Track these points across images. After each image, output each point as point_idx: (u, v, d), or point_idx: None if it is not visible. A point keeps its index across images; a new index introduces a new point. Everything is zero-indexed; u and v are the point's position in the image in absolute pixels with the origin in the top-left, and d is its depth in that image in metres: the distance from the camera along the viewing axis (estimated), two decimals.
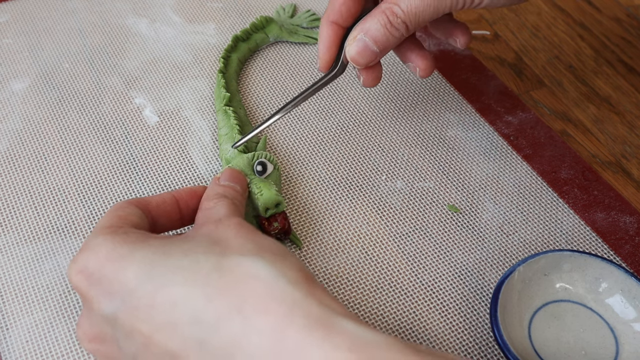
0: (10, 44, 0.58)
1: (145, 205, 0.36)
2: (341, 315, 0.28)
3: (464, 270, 0.44)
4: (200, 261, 0.30)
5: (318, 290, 0.29)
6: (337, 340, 0.27)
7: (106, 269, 0.31)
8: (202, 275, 0.29)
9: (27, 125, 0.52)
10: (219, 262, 0.30)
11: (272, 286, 0.28)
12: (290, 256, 0.32)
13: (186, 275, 0.29)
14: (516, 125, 0.54)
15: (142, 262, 0.30)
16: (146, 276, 0.30)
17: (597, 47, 0.62)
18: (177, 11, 0.62)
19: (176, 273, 0.29)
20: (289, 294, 0.28)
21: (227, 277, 0.29)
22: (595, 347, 0.40)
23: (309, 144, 0.51)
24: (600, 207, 0.48)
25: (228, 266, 0.30)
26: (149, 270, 0.30)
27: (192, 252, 0.31)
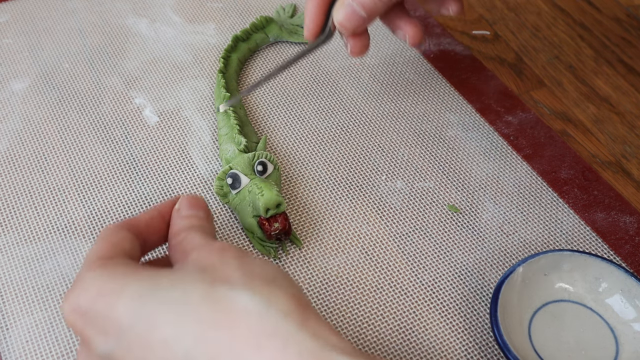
0: (10, 44, 0.58)
1: (136, 226, 0.35)
2: (336, 349, 0.27)
3: (464, 270, 0.44)
4: (188, 291, 0.29)
5: (312, 320, 0.29)
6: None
7: (98, 306, 0.30)
8: (192, 309, 0.29)
9: (27, 125, 0.52)
10: (207, 292, 0.29)
11: (263, 320, 0.28)
12: (281, 280, 0.31)
13: (176, 310, 0.29)
14: (516, 125, 0.54)
15: (132, 297, 0.30)
16: (138, 314, 0.29)
17: (597, 47, 0.62)
18: (177, 11, 0.62)
19: (167, 309, 0.29)
20: (282, 327, 0.28)
21: (216, 311, 0.28)
22: (595, 347, 0.40)
23: (309, 144, 0.51)
24: (600, 207, 0.48)
25: (217, 298, 0.29)
26: (140, 308, 0.29)
27: (180, 283, 0.30)
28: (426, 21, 0.62)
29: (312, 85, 0.56)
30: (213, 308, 0.29)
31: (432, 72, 0.58)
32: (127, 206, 0.47)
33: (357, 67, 0.58)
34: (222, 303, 0.29)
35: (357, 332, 0.41)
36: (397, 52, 0.59)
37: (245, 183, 0.45)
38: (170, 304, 0.29)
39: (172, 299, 0.29)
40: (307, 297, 0.33)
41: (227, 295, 0.29)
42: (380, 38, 0.60)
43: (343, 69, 0.57)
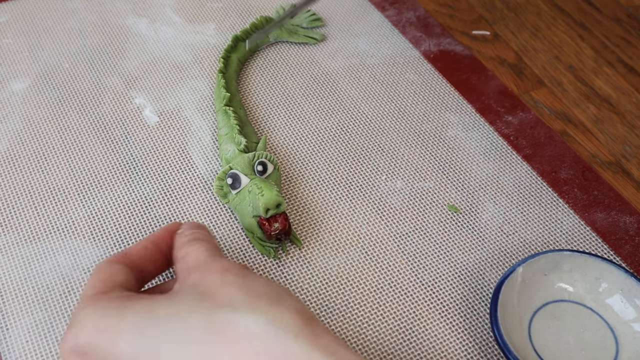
0: (10, 44, 0.58)
1: (127, 258, 0.35)
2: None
3: (464, 270, 0.44)
4: (187, 320, 0.29)
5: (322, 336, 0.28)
6: None
7: (97, 342, 0.30)
8: (194, 338, 0.28)
9: (27, 125, 0.52)
10: (207, 319, 0.28)
11: (271, 343, 0.27)
12: (286, 298, 0.30)
13: (177, 340, 0.28)
14: (516, 125, 0.54)
15: (131, 331, 0.29)
16: (139, 347, 0.29)
17: (597, 47, 0.62)
18: (177, 11, 0.62)
19: (168, 339, 0.28)
20: (293, 348, 0.27)
21: (220, 338, 0.28)
22: (595, 347, 0.40)
23: (309, 144, 0.51)
24: (600, 207, 0.48)
25: (219, 324, 0.28)
26: (141, 340, 0.29)
27: (178, 312, 0.29)
28: (426, 21, 0.62)
29: (312, 85, 0.56)
30: (215, 335, 0.28)
31: (432, 72, 0.58)
32: (127, 206, 0.47)
33: (357, 67, 0.58)
34: (224, 328, 0.28)
35: (357, 332, 0.41)
36: (397, 52, 0.59)
37: (245, 183, 0.45)
38: (171, 333, 0.28)
39: (172, 329, 0.29)
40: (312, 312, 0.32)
41: (229, 319, 0.28)
42: (380, 38, 0.60)
43: (343, 69, 0.57)
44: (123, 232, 0.45)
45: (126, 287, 0.33)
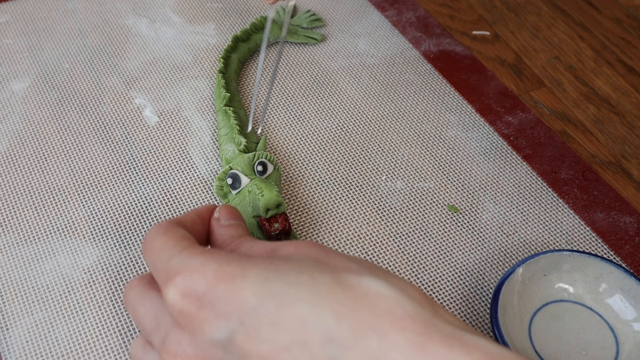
0: (10, 44, 0.58)
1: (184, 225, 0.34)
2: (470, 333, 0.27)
3: (464, 270, 0.44)
4: (317, 277, 0.28)
5: (439, 308, 0.29)
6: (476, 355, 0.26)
7: (219, 289, 0.28)
8: (325, 291, 0.28)
9: (27, 125, 0.52)
10: (335, 278, 0.28)
11: (402, 304, 0.27)
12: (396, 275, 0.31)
13: (309, 291, 0.28)
14: (516, 125, 0.54)
15: (257, 280, 0.28)
16: (266, 294, 0.28)
17: (597, 47, 0.62)
18: (177, 11, 0.62)
19: (298, 289, 0.28)
20: (419, 312, 0.27)
21: (352, 294, 0.28)
22: (595, 346, 0.40)
23: (309, 144, 0.51)
24: (600, 207, 0.48)
25: (348, 283, 0.28)
26: (268, 288, 0.28)
27: (305, 269, 0.29)
28: (426, 21, 0.62)
29: (312, 85, 0.56)
30: (347, 291, 0.28)
31: (432, 72, 0.58)
32: (127, 206, 0.47)
33: (357, 67, 0.58)
34: (355, 288, 0.28)
35: None
36: (397, 52, 0.59)
37: (245, 183, 0.45)
38: (299, 286, 0.28)
39: (301, 283, 0.28)
40: None
41: (358, 281, 0.28)
42: (380, 38, 0.60)
43: (343, 69, 0.57)
44: (123, 232, 0.45)
45: None
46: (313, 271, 0.29)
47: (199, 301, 0.28)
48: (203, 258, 0.29)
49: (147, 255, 0.32)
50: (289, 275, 0.28)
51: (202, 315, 0.28)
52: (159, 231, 0.32)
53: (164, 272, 0.30)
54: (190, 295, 0.29)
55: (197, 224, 0.35)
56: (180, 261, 0.30)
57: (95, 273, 0.43)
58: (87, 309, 0.41)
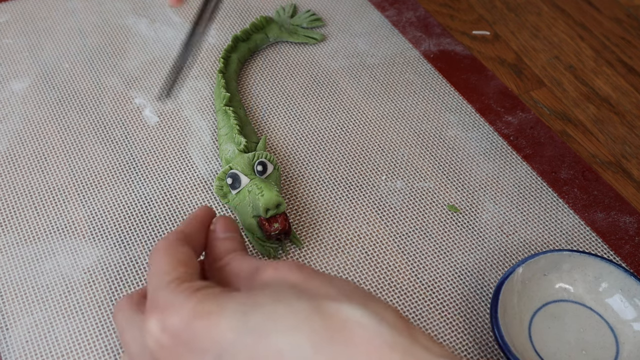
0: (10, 44, 0.58)
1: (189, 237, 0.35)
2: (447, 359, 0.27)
3: (464, 270, 0.44)
4: (294, 305, 0.28)
5: (418, 334, 0.28)
6: None
7: (195, 326, 0.29)
8: (303, 321, 0.27)
9: (27, 125, 0.52)
10: (313, 306, 0.28)
11: (380, 333, 0.27)
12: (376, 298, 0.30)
13: (286, 322, 0.27)
14: (516, 125, 0.54)
15: (234, 315, 0.28)
16: (243, 328, 0.28)
17: (597, 47, 0.62)
18: (177, 11, 0.62)
19: (275, 320, 0.28)
20: (397, 340, 0.27)
21: (329, 324, 0.27)
22: (595, 346, 0.40)
23: (309, 144, 0.51)
24: (600, 207, 0.48)
25: (326, 312, 0.28)
26: (245, 322, 0.28)
27: (282, 297, 0.28)
28: (426, 21, 0.62)
29: (312, 85, 0.56)
30: (325, 321, 0.27)
31: (432, 72, 0.58)
32: (127, 206, 0.47)
33: (357, 67, 0.58)
34: (333, 316, 0.28)
35: None
36: (397, 52, 0.59)
37: (245, 183, 0.45)
38: (277, 318, 0.28)
39: (279, 313, 0.28)
40: None
41: (336, 308, 0.28)
42: (380, 38, 0.60)
43: (343, 69, 0.57)
44: (123, 232, 0.45)
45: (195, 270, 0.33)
46: (290, 299, 0.28)
47: (176, 338, 0.29)
48: (184, 296, 0.30)
49: (149, 270, 0.33)
50: (265, 307, 0.28)
51: (179, 351, 0.29)
52: (162, 248, 0.33)
53: (150, 299, 0.31)
54: (168, 331, 0.29)
55: (199, 232, 0.36)
56: (165, 295, 0.30)
57: (95, 273, 0.43)
58: (87, 309, 0.41)
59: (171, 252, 0.33)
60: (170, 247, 0.33)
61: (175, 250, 0.33)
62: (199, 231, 0.36)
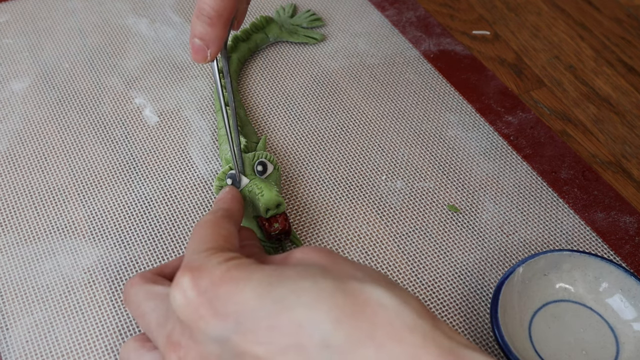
0: (10, 44, 0.58)
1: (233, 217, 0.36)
2: (469, 349, 0.27)
3: (464, 270, 0.44)
4: (319, 282, 0.28)
5: (439, 321, 0.29)
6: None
7: (221, 289, 0.29)
8: (326, 297, 0.28)
9: (27, 125, 0.52)
10: (338, 285, 0.28)
11: (402, 315, 0.28)
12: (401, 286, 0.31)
13: (310, 296, 0.28)
14: (516, 125, 0.54)
15: (259, 284, 0.29)
16: (266, 297, 0.28)
17: (597, 47, 0.62)
18: (177, 11, 0.62)
19: (299, 294, 0.28)
20: (419, 324, 0.27)
21: (352, 301, 0.28)
22: (595, 346, 0.40)
23: (309, 144, 0.51)
24: (600, 207, 0.48)
25: (350, 290, 0.28)
26: (269, 292, 0.29)
27: (308, 274, 0.29)
28: (426, 21, 0.62)
29: (312, 85, 0.56)
30: (348, 299, 0.28)
31: (432, 72, 0.58)
32: (127, 206, 0.47)
33: (357, 67, 0.58)
34: (356, 295, 0.28)
35: None
36: (397, 52, 0.59)
37: (245, 183, 0.45)
38: (301, 292, 0.28)
39: (304, 287, 0.28)
40: None
41: (360, 288, 0.28)
42: (380, 38, 0.60)
43: (343, 69, 0.57)
44: (123, 232, 0.45)
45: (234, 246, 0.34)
46: (316, 276, 0.29)
47: (202, 297, 0.29)
48: (217, 262, 0.31)
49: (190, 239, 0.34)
50: (291, 280, 0.29)
51: (201, 312, 0.29)
52: (208, 221, 0.35)
53: (186, 261, 0.32)
54: (197, 289, 0.30)
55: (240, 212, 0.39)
56: (199, 258, 0.31)
57: (95, 273, 0.43)
58: (87, 309, 0.41)
59: (215, 226, 0.34)
60: (216, 222, 0.35)
61: (219, 225, 0.34)
62: (239, 211, 0.38)
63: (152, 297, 0.33)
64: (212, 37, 0.39)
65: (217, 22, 0.39)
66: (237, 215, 0.38)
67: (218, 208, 0.37)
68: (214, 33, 0.39)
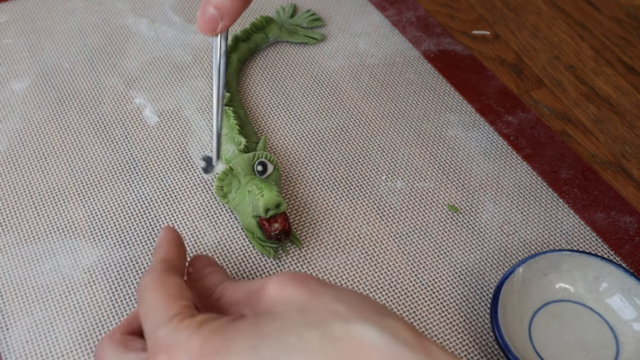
0: (10, 44, 0.58)
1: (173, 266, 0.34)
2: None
3: (464, 270, 0.44)
4: (305, 336, 0.27)
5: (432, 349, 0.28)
6: None
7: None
8: (315, 351, 0.27)
9: (27, 125, 0.52)
10: (323, 332, 0.27)
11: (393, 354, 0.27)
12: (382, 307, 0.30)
13: (298, 354, 0.27)
14: (516, 125, 0.54)
15: (244, 350, 0.27)
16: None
17: (597, 47, 0.62)
18: (177, 11, 0.62)
19: (288, 354, 0.27)
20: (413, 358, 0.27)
21: (342, 349, 0.27)
22: (595, 346, 0.40)
23: (309, 144, 0.51)
24: (600, 207, 0.48)
25: (337, 336, 0.27)
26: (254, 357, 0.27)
27: (289, 327, 0.28)
28: (426, 21, 0.62)
29: (312, 85, 0.56)
30: (337, 347, 0.27)
31: (432, 72, 0.58)
32: (127, 206, 0.47)
33: (357, 67, 0.58)
34: (345, 340, 0.27)
35: None
36: (397, 52, 0.59)
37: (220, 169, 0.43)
38: (289, 350, 0.27)
39: (289, 346, 0.27)
40: None
41: (346, 331, 0.27)
42: (380, 38, 0.60)
43: (343, 69, 0.57)
44: (123, 232, 0.45)
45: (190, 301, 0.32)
46: (300, 328, 0.28)
47: None
48: (188, 333, 0.29)
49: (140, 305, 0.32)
50: (275, 339, 0.28)
51: None
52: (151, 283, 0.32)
53: (150, 340, 0.30)
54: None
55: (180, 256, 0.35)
56: (166, 334, 0.29)
57: (95, 273, 0.43)
58: (87, 309, 0.41)
59: (162, 286, 0.32)
60: (159, 280, 0.32)
61: (165, 283, 0.32)
62: (179, 255, 0.35)
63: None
64: (228, 9, 0.37)
65: None
66: (178, 261, 0.35)
67: (156, 261, 0.34)
68: (232, 5, 0.37)
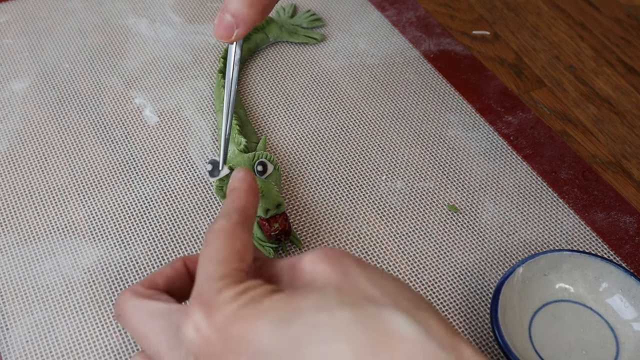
0: (10, 44, 0.58)
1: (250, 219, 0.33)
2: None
3: (464, 270, 0.44)
4: (336, 314, 0.27)
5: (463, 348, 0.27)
6: None
7: (233, 328, 0.28)
8: (345, 331, 0.27)
9: (27, 125, 0.52)
10: (355, 314, 0.27)
11: (424, 349, 0.26)
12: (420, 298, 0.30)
13: (327, 331, 0.27)
14: (516, 125, 0.54)
15: (274, 321, 0.28)
16: (281, 335, 0.27)
17: (597, 47, 0.62)
18: (177, 11, 0.62)
19: (316, 330, 0.27)
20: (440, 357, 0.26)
21: (372, 334, 0.27)
22: (595, 346, 0.40)
23: (309, 144, 0.51)
24: (600, 207, 0.48)
25: (368, 320, 0.27)
26: (284, 329, 0.27)
27: (324, 305, 0.28)
28: (426, 21, 0.62)
29: (312, 85, 0.56)
30: (367, 331, 0.27)
31: (432, 72, 0.58)
32: (127, 206, 0.47)
33: (357, 67, 0.58)
34: (375, 325, 0.27)
35: None
36: (397, 52, 0.59)
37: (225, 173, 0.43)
38: (318, 326, 0.27)
39: (320, 322, 0.27)
40: None
41: (378, 316, 0.27)
42: (380, 38, 0.60)
43: (343, 69, 0.57)
44: (123, 232, 0.45)
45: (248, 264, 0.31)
46: (333, 306, 0.28)
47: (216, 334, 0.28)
48: (229, 297, 0.29)
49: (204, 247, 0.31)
50: (307, 314, 0.28)
51: (216, 350, 0.28)
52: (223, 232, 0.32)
53: (198, 287, 0.30)
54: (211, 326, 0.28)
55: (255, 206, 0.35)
56: (212, 291, 0.29)
57: (95, 273, 0.43)
58: (87, 309, 0.41)
59: (231, 240, 0.32)
60: (231, 232, 0.32)
61: (235, 237, 0.32)
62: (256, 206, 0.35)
63: (155, 317, 0.32)
64: (245, 18, 0.37)
65: (256, 4, 0.37)
66: (253, 213, 0.34)
67: (233, 209, 0.34)
68: (249, 14, 0.37)
